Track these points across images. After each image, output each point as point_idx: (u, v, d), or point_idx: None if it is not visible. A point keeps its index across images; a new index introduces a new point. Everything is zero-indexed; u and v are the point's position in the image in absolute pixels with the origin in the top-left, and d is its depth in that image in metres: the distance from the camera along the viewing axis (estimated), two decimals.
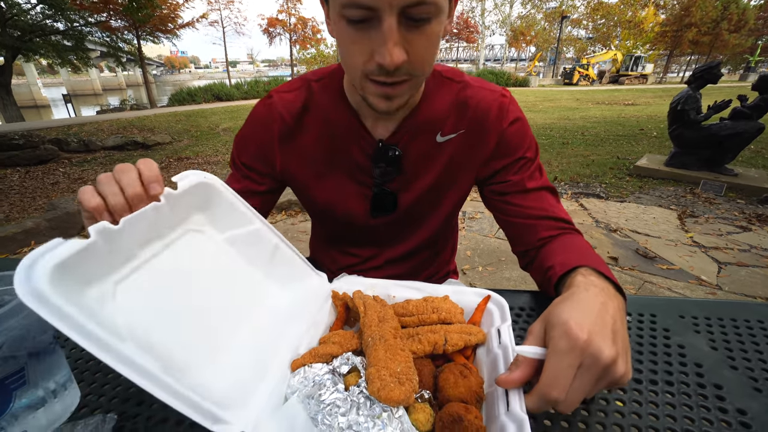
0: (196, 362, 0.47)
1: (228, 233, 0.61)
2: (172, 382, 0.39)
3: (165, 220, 0.52)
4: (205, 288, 0.55)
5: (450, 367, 0.48)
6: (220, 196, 0.59)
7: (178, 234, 0.55)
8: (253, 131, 0.80)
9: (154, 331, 0.45)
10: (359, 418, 0.41)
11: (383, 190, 0.79)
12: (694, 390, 0.53)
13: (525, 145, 0.76)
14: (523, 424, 0.39)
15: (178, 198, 0.52)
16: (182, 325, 0.50)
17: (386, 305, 0.56)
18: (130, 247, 0.48)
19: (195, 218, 0.58)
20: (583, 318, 0.44)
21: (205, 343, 0.51)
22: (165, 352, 0.45)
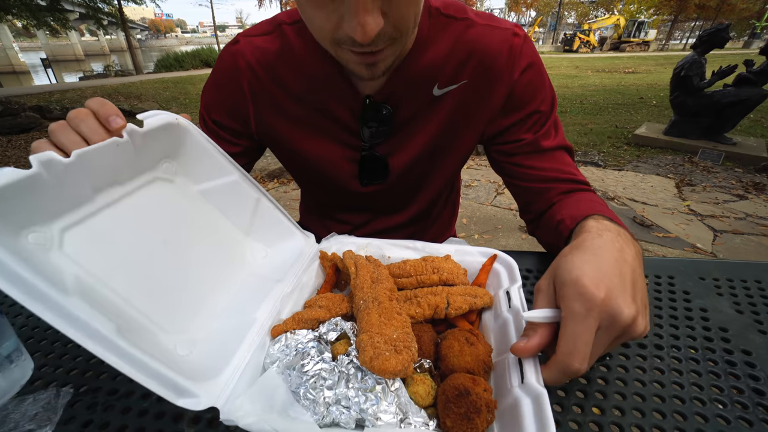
0: (160, 326, 0.41)
1: (203, 185, 0.54)
2: (126, 345, 0.33)
3: (128, 164, 0.45)
4: (174, 244, 0.48)
5: (454, 333, 0.42)
6: (195, 143, 0.51)
7: (144, 181, 0.48)
8: (221, 84, 0.68)
9: (109, 288, 0.39)
10: (348, 392, 0.35)
11: (372, 154, 0.68)
12: (720, 356, 0.47)
13: (540, 96, 0.64)
14: (541, 399, 0.33)
15: (145, 139, 0.45)
16: (145, 283, 0.43)
17: (380, 265, 0.50)
18: (84, 188, 0.40)
19: (164, 166, 0.51)
20: (598, 272, 0.37)
21: (172, 305, 0.44)
22: (121, 311, 0.38)
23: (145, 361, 0.34)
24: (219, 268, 0.52)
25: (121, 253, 0.42)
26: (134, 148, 0.44)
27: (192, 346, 0.42)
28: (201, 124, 0.73)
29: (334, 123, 0.67)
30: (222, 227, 0.55)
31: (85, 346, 0.30)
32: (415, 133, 0.67)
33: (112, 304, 0.38)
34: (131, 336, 0.35)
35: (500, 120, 0.66)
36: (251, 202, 0.56)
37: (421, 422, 0.35)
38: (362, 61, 0.51)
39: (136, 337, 0.36)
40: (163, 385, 0.34)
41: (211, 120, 0.71)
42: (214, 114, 0.70)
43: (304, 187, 0.87)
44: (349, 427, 0.34)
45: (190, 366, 0.39)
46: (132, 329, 0.37)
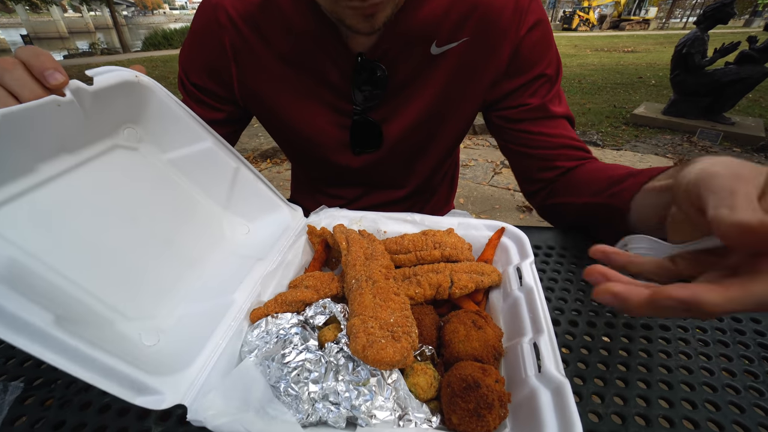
0: (120, 312, 0.36)
1: (172, 153, 0.48)
2: (66, 338, 0.28)
3: (78, 129, 0.38)
4: (141, 220, 0.43)
5: (459, 315, 0.36)
6: (160, 104, 0.45)
7: (101, 150, 0.41)
8: (200, 41, 0.61)
9: (54, 270, 0.33)
10: (338, 386, 0.30)
11: (365, 119, 0.62)
12: (751, 338, 0.43)
13: (547, 58, 0.59)
14: (563, 390, 0.28)
15: (97, 99, 0.38)
16: (103, 265, 0.37)
17: (375, 241, 0.44)
18: (20, 156, 0.34)
19: (126, 132, 0.44)
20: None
21: (137, 289, 0.39)
22: (67, 298, 0.33)
23: (94, 356, 0.28)
24: (193, 247, 0.46)
25: (75, 231, 0.37)
26: (84, 110, 0.38)
27: (160, 334, 0.37)
28: (180, 88, 0.67)
29: (323, 85, 0.60)
30: (196, 200, 0.49)
31: (10, 341, 0.25)
32: (411, 97, 0.61)
33: (55, 289, 0.32)
34: (78, 326, 0.30)
35: (504, 83, 0.61)
36: (229, 172, 0.50)
37: (422, 419, 0.30)
38: (360, 13, 0.46)
39: (86, 328, 0.31)
40: (117, 382, 0.29)
41: (190, 83, 0.64)
42: (194, 76, 0.64)
43: (294, 160, 0.81)
44: (339, 426, 0.29)
45: (156, 358, 0.34)
46: (79, 319, 0.31)
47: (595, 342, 0.43)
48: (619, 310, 0.26)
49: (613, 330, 0.44)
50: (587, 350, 0.42)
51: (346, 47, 0.56)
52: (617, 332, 0.44)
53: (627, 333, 0.44)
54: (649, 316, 0.27)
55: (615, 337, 0.43)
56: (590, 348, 0.42)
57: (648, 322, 0.44)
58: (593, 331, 0.44)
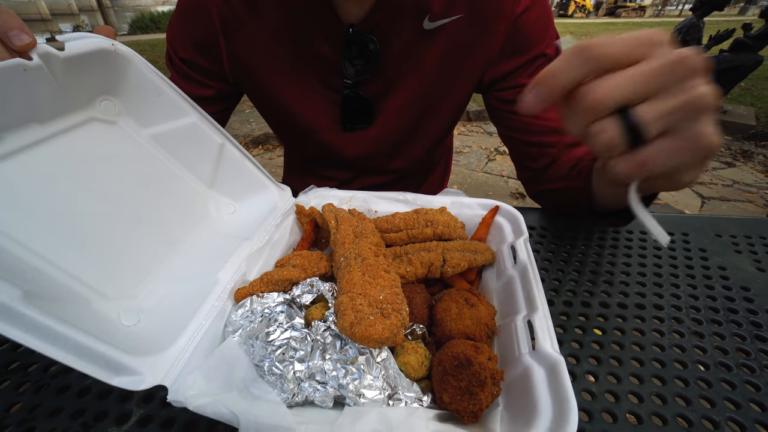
0: (98, 291, 0.34)
1: (153, 128, 0.45)
2: (35, 315, 0.26)
3: (47, 97, 0.36)
4: (120, 197, 0.41)
5: (451, 293, 0.35)
6: (140, 76, 0.42)
7: (76, 122, 0.39)
8: (188, 16, 0.59)
9: (23, 246, 0.31)
10: (325, 365, 0.28)
11: (357, 94, 0.60)
12: (744, 317, 0.43)
13: (545, 38, 0.57)
14: (558, 368, 0.27)
15: (69, 67, 0.36)
16: (80, 242, 0.36)
17: (365, 219, 0.43)
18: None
19: (103, 104, 0.42)
20: None
21: (115, 267, 0.37)
22: (36, 275, 0.31)
23: (66, 334, 0.27)
24: (176, 226, 0.44)
25: (46, 206, 0.34)
26: (54, 78, 0.35)
27: (140, 314, 0.35)
28: (168, 64, 0.64)
29: (314, 57, 0.58)
30: (179, 178, 0.47)
31: None
32: (405, 74, 0.59)
33: (23, 264, 0.30)
34: (49, 303, 0.28)
35: (501, 63, 0.59)
36: (214, 149, 0.48)
37: (413, 398, 0.29)
38: None
39: (58, 305, 0.29)
40: (91, 361, 0.27)
41: (178, 58, 0.62)
42: (182, 51, 0.61)
43: (285, 140, 0.79)
44: (326, 406, 0.28)
45: (136, 338, 0.33)
46: (50, 296, 0.30)
47: (589, 322, 0.42)
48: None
49: (608, 310, 0.44)
50: (582, 330, 0.41)
51: (337, 18, 0.54)
52: (611, 311, 0.43)
53: (620, 313, 0.43)
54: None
55: (609, 317, 0.43)
56: (584, 328, 0.41)
57: (641, 314, 0.43)
58: (588, 311, 0.43)
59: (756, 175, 3.03)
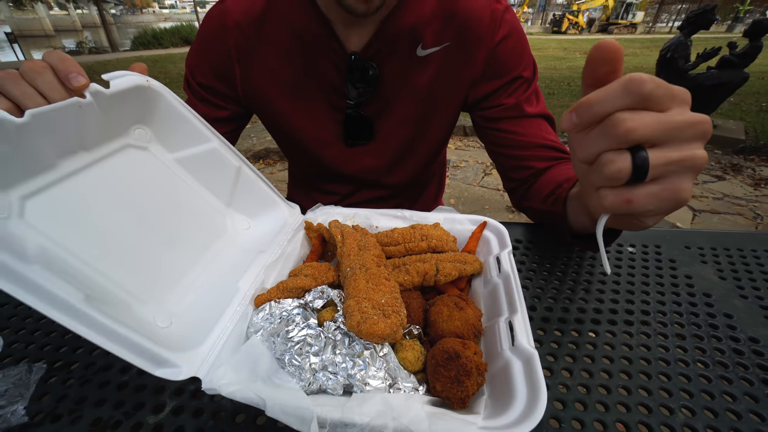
0: (137, 297, 0.39)
1: (179, 153, 0.51)
2: (96, 315, 0.31)
3: (94, 128, 0.42)
4: (150, 215, 0.46)
5: (443, 298, 0.41)
6: (169, 107, 0.48)
7: (114, 148, 0.45)
8: (207, 45, 0.66)
9: (78, 257, 0.37)
10: (336, 358, 0.34)
11: (359, 113, 0.68)
12: (704, 320, 0.48)
13: (522, 63, 0.65)
14: (532, 360, 0.33)
15: (112, 102, 0.42)
16: (119, 253, 0.41)
17: (368, 234, 0.48)
18: (45, 153, 0.38)
19: (136, 132, 0.48)
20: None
21: (149, 276, 0.42)
22: (91, 281, 0.36)
23: (120, 332, 0.32)
24: (198, 240, 0.50)
25: (92, 223, 0.40)
26: (100, 111, 0.41)
27: (172, 317, 0.40)
28: (186, 88, 0.71)
29: (321, 82, 0.65)
30: (201, 197, 0.53)
31: (49, 315, 0.28)
32: (400, 95, 0.67)
33: (81, 273, 0.36)
34: (103, 306, 0.33)
35: (483, 85, 0.66)
36: (232, 171, 0.54)
37: (410, 387, 0.34)
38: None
39: (110, 308, 0.34)
40: (140, 355, 0.32)
41: (196, 83, 0.68)
42: (200, 76, 0.68)
43: (291, 156, 0.85)
44: (337, 393, 0.33)
45: (170, 337, 0.38)
46: (104, 299, 0.35)
47: (567, 325, 0.47)
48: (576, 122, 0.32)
49: (584, 314, 0.49)
50: (560, 332, 0.46)
51: (341, 47, 0.62)
52: (587, 316, 0.49)
53: (595, 317, 0.49)
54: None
55: (585, 321, 0.48)
56: (563, 330, 0.47)
57: (613, 318, 0.48)
58: (566, 316, 0.49)
59: (745, 188, 3.10)
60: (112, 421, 0.37)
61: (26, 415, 0.36)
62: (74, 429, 0.36)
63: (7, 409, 0.36)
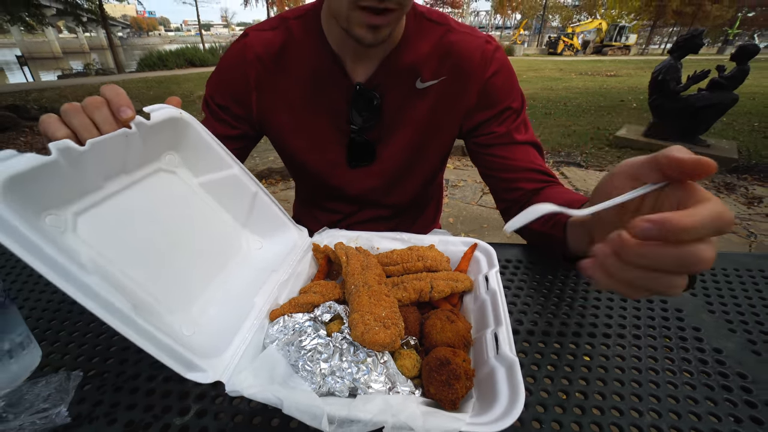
0: (166, 307, 0.44)
1: (203, 177, 0.57)
2: (143, 323, 0.36)
3: (134, 154, 0.47)
4: (175, 232, 0.51)
5: (436, 313, 0.46)
6: (197, 136, 0.54)
7: (148, 172, 0.50)
8: (229, 75, 0.74)
9: (120, 269, 0.41)
10: (342, 364, 0.39)
11: (362, 138, 0.75)
12: (674, 333, 0.53)
13: (511, 96, 0.73)
14: (514, 366, 0.38)
15: (150, 131, 0.47)
16: (152, 267, 0.45)
17: (370, 255, 0.54)
18: (95, 176, 0.43)
19: (168, 158, 0.53)
20: None
21: (174, 288, 0.47)
22: (132, 291, 0.41)
23: (159, 338, 0.37)
24: (216, 257, 0.55)
25: (127, 239, 0.44)
26: (141, 140, 0.47)
27: (195, 326, 0.45)
28: (204, 107, 0.78)
29: (329, 109, 0.73)
30: (220, 218, 0.58)
31: (106, 321, 0.33)
32: (401, 123, 0.74)
33: (124, 284, 0.41)
34: (145, 314, 0.38)
35: (476, 115, 0.74)
36: (249, 196, 0.59)
37: (407, 391, 0.39)
38: (369, 23, 0.56)
39: (149, 316, 0.39)
40: (175, 359, 0.37)
41: (215, 104, 0.76)
42: (219, 98, 0.75)
43: (297, 177, 0.92)
44: (344, 394, 0.38)
45: (195, 344, 0.42)
46: (144, 308, 0.40)
47: (550, 338, 0.52)
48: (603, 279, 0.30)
49: (567, 328, 0.54)
50: (543, 344, 0.51)
51: (348, 79, 0.70)
52: (569, 329, 0.54)
53: (577, 330, 0.53)
54: (625, 273, 0.29)
55: (567, 334, 0.53)
56: (546, 342, 0.52)
57: (593, 331, 0.53)
58: (550, 329, 0.54)
59: (739, 207, 3.16)
60: (143, 422, 0.41)
61: (69, 416, 0.41)
62: (111, 429, 0.40)
63: (52, 411, 0.40)
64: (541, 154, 0.76)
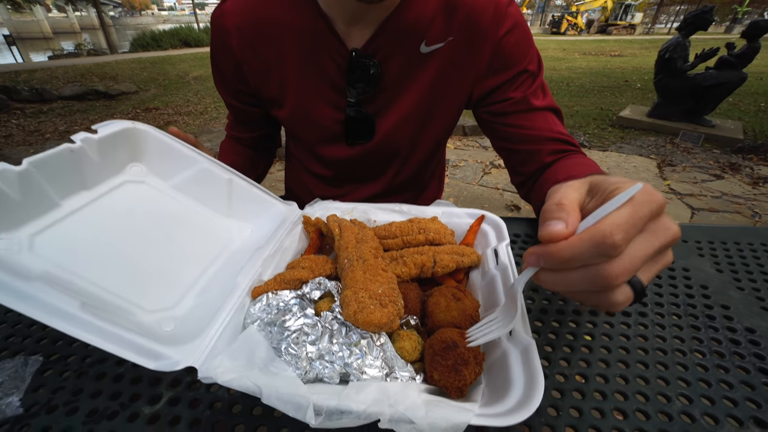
0: (140, 307, 0.41)
1: (173, 179, 0.55)
2: (92, 319, 0.33)
3: (91, 170, 0.47)
4: (156, 238, 0.49)
5: (440, 290, 0.41)
6: (157, 142, 0.53)
7: (113, 185, 0.50)
8: (218, 55, 0.68)
9: (79, 276, 0.39)
10: (332, 347, 0.34)
11: (360, 112, 0.67)
12: (701, 311, 0.48)
13: (527, 57, 0.64)
14: (530, 349, 0.33)
15: (103, 146, 0.48)
16: (124, 271, 0.43)
17: (366, 227, 0.48)
18: (48, 196, 0.42)
19: (133, 169, 0.53)
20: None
21: (156, 289, 0.44)
22: (89, 293, 0.38)
23: (114, 331, 0.34)
24: (204, 252, 0.51)
25: (97, 249, 0.43)
26: (98, 157, 0.47)
27: (175, 321, 0.41)
28: (228, 107, 0.77)
29: (320, 80, 0.65)
30: (201, 214, 0.55)
31: (46, 322, 0.31)
32: (403, 93, 0.66)
33: (79, 287, 0.38)
34: (100, 312, 0.35)
35: (488, 80, 0.66)
36: (224, 184, 0.56)
37: (407, 376, 0.34)
38: None
39: (108, 314, 0.35)
40: (135, 351, 0.33)
41: (232, 98, 0.73)
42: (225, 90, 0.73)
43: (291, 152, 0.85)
44: (334, 381, 0.33)
45: (172, 337, 0.38)
46: (103, 308, 0.37)
47: (565, 316, 0.47)
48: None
49: (582, 306, 0.49)
50: (558, 323, 0.46)
51: (342, 44, 0.61)
52: (585, 307, 0.49)
53: (593, 309, 0.49)
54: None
55: (582, 312, 0.48)
56: (560, 321, 0.47)
57: None
58: (564, 307, 0.49)
59: (743, 187, 3.11)
60: (108, 411, 0.37)
61: (21, 406, 0.36)
62: (70, 420, 0.36)
63: (2, 401, 0.36)
64: (561, 120, 0.69)
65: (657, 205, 0.28)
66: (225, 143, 0.85)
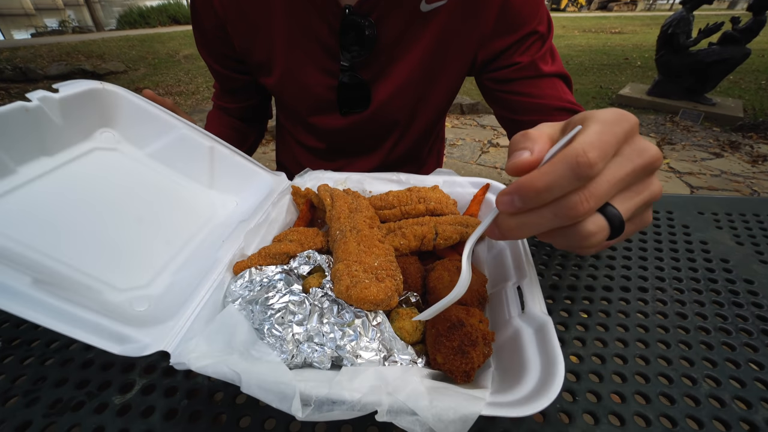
0: (109, 284, 0.36)
1: (149, 147, 0.49)
2: (44, 297, 0.28)
3: (53, 134, 0.42)
4: (129, 210, 0.44)
5: (443, 263, 0.37)
6: (131, 106, 0.48)
7: (80, 152, 0.44)
8: (197, 10, 0.62)
9: (32, 248, 0.34)
10: (323, 327, 0.30)
11: (354, 77, 0.61)
12: (723, 286, 0.45)
13: (537, 16, 0.58)
14: (546, 328, 0.29)
15: (67, 107, 0.42)
16: (90, 246, 0.38)
17: (360, 196, 0.44)
18: (2, 160, 0.37)
19: (103, 136, 0.47)
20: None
21: (127, 265, 0.39)
22: (44, 267, 0.33)
23: (71, 311, 0.29)
24: (183, 226, 0.46)
25: (59, 221, 0.38)
26: (56, 118, 0.41)
27: (150, 300, 0.37)
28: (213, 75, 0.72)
29: (311, 41, 0.59)
30: (181, 185, 0.50)
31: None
32: (401, 56, 0.60)
33: (32, 260, 0.33)
34: (57, 290, 0.30)
35: (494, 42, 0.59)
36: (205, 152, 0.50)
37: (408, 360, 0.30)
38: None
39: (64, 292, 0.31)
40: (96, 334, 0.29)
41: (216, 63, 0.68)
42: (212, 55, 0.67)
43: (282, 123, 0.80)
44: (324, 366, 0.29)
45: (146, 318, 0.34)
46: (59, 284, 0.32)
47: (577, 292, 0.44)
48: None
49: (595, 281, 0.45)
50: (570, 300, 0.43)
51: (334, 2, 0.54)
52: (599, 282, 0.45)
53: (607, 284, 0.45)
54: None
55: (596, 288, 0.44)
56: (573, 298, 0.43)
57: (626, 285, 0.45)
58: (576, 283, 0.45)
59: (743, 165, 3.09)
60: (73, 402, 0.33)
61: None
62: (29, 412, 0.32)
63: None
64: (570, 87, 0.63)
65: (629, 124, 0.26)
66: (212, 113, 0.79)
